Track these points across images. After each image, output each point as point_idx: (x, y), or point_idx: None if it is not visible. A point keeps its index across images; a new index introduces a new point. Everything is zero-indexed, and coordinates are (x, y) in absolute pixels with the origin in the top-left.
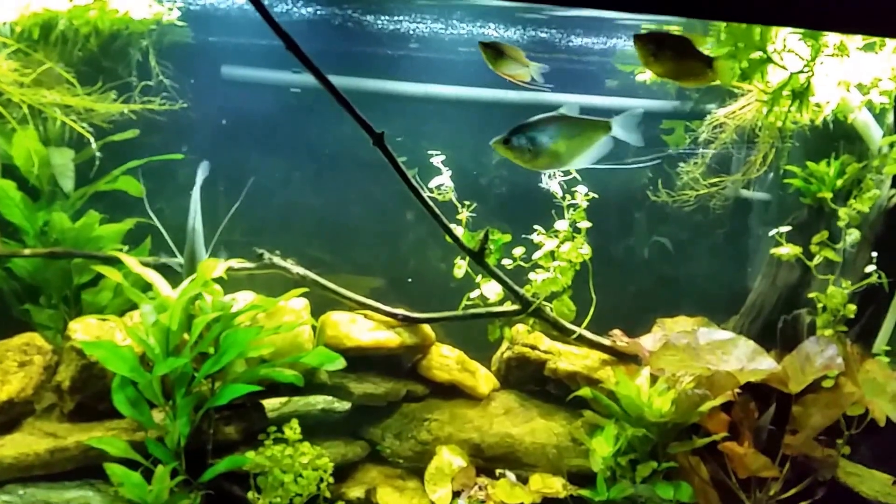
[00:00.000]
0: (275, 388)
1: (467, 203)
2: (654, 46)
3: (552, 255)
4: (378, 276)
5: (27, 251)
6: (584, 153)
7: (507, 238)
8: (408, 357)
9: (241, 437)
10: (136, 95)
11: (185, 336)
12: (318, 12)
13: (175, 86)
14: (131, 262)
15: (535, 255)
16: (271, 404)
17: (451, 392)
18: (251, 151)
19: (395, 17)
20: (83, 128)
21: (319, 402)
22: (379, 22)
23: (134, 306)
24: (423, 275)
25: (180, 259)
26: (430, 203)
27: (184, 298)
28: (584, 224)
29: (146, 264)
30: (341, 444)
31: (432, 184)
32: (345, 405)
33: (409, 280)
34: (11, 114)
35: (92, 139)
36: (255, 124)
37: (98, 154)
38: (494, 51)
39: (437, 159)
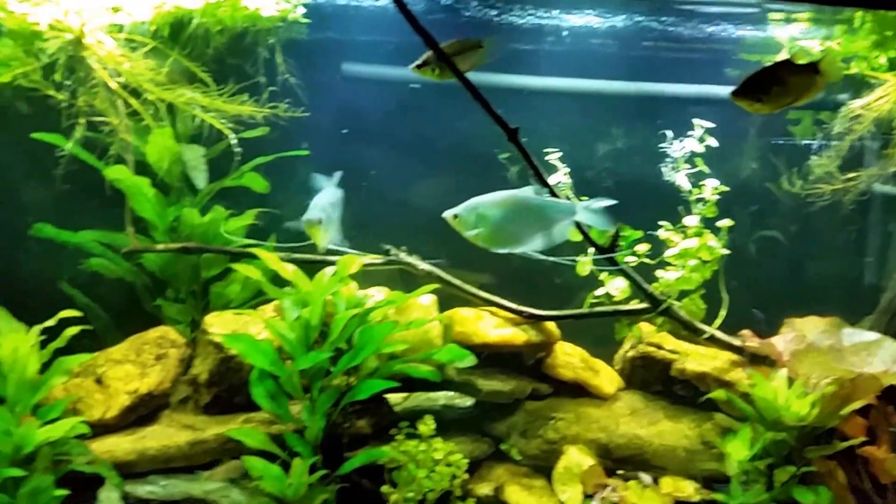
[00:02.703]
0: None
1: (584, 198)
2: (757, 91)
3: (685, 252)
4: (486, 271)
5: (160, 246)
6: (542, 235)
7: (639, 234)
8: (528, 354)
9: (371, 432)
10: (263, 94)
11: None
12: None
13: (299, 83)
14: (270, 257)
15: (669, 253)
16: (393, 399)
17: (575, 391)
18: (370, 147)
19: (504, 11)
20: (222, 124)
21: (440, 398)
22: (494, 16)
23: (263, 300)
24: (526, 271)
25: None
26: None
27: (325, 294)
28: (725, 222)
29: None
30: (468, 441)
31: (549, 181)
32: (467, 401)
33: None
34: (145, 111)
35: (232, 136)
36: (373, 120)
37: (238, 149)
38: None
39: (554, 156)
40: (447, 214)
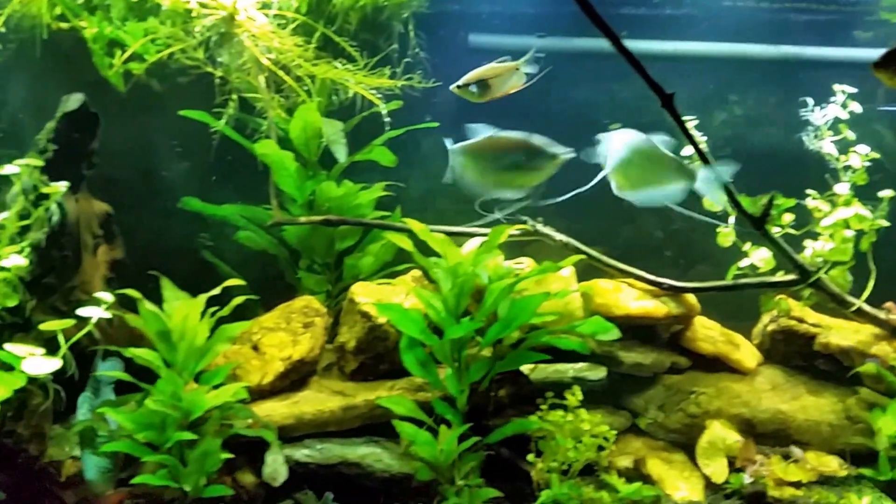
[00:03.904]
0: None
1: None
2: None
3: (840, 222)
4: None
5: (303, 219)
6: (656, 190)
7: (791, 202)
8: (664, 328)
9: (509, 402)
10: (397, 68)
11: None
12: None
13: (428, 57)
14: (421, 227)
15: (825, 223)
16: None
17: (712, 365)
18: (495, 118)
19: None
20: (372, 95)
21: (569, 370)
22: None
23: (390, 273)
24: (638, 244)
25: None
26: (715, 168)
27: (477, 264)
28: (888, 192)
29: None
30: (605, 414)
31: (684, 151)
32: (598, 374)
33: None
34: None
35: (383, 107)
36: None
37: (388, 119)
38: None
39: (690, 124)
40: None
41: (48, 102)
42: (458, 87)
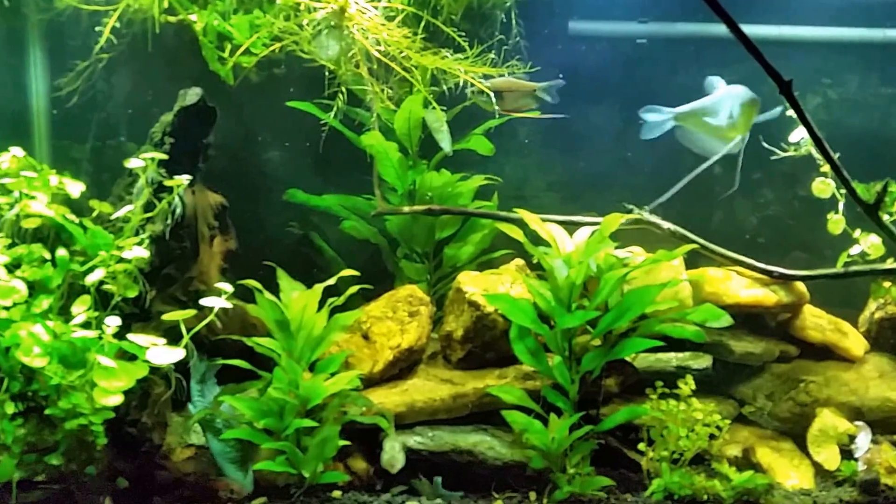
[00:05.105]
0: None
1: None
2: None
3: None
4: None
5: (406, 209)
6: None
7: None
8: (772, 316)
9: (618, 390)
10: (499, 56)
11: None
12: None
13: (528, 45)
14: (532, 217)
15: None
16: None
17: (819, 353)
18: (596, 105)
19: None
20: (477, 81)
21: (672, 359)
22: None
23: (484, 262)
24: (730, 229)
25: None
26: (832, 154)
27: (590, 254)
28: None
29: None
30: (712, 402)
31: (793, 137)
32: (702, 363)
33: None
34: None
35: (493, 107)
36: (599, 77)
37: (496, 108)
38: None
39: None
40: None
41: (152, 96)
42: (472, 91)
